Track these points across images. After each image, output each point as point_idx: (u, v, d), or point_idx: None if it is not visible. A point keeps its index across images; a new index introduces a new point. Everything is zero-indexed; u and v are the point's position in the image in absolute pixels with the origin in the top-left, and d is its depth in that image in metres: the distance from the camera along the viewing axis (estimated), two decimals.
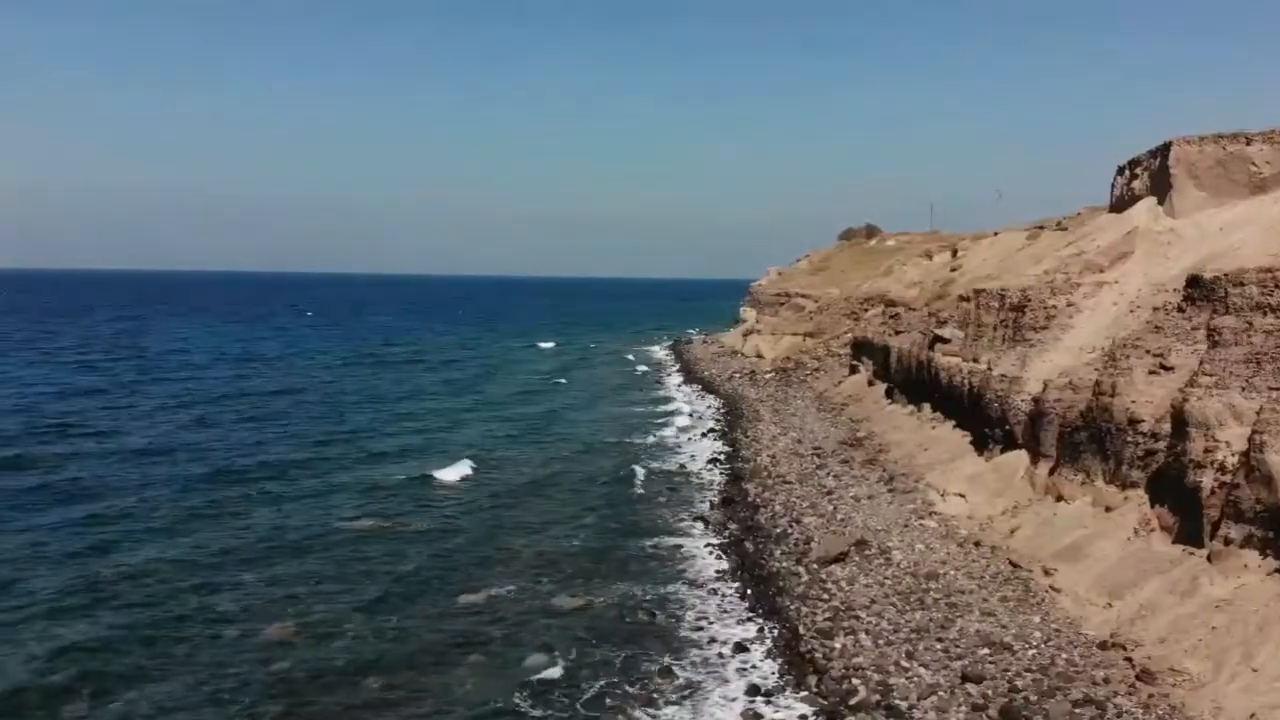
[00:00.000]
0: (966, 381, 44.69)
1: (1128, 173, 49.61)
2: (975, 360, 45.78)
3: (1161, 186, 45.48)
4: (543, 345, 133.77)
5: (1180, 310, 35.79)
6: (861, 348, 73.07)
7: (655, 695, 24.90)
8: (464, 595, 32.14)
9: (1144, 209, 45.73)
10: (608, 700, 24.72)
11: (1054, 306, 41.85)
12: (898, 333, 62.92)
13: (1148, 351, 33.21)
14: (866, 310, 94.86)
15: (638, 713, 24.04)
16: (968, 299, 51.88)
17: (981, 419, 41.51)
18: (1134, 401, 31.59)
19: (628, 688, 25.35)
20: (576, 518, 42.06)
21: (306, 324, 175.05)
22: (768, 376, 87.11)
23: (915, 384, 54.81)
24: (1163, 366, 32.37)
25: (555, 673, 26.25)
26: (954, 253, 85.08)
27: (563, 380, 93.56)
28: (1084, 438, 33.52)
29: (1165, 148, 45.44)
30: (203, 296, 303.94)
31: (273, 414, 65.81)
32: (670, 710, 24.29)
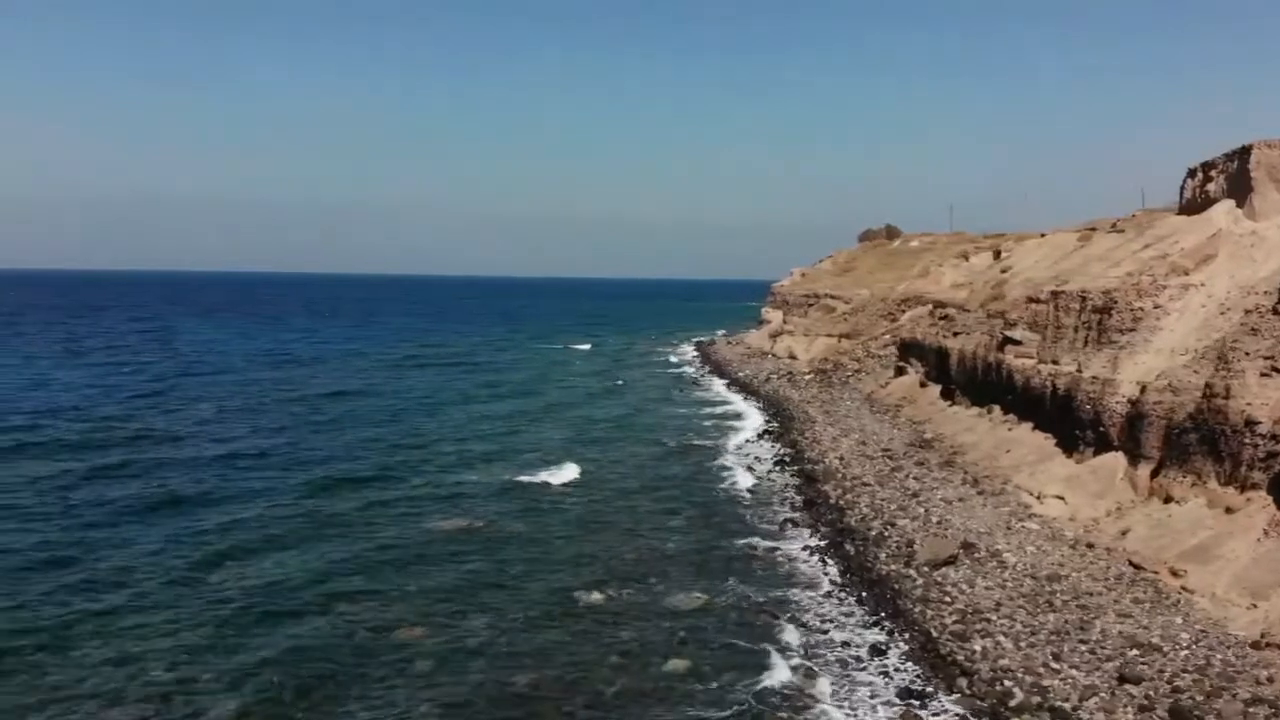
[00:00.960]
0: (1049, 384, 44.79)
1: (1200, 175, 49.78)
2: (1055, 362, 45.91)
3: (1241, 189, 45.66)
4: (578, 347, 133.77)
5: (1276, 312, 36.00)
6: (910, 349, 73.15)
7: (807, 697, 25.00)
8: (582, 596, 32.26)
9: (1223, 211, 45.92)
10: (760, 701, 24.80)
11: (1140, 309, 41.98)
12: (955, 334, 63.01)
13: (1258, 354, 33.34)
14: (904, 311, 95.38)
15: (799, 716, 24.14)
16: (1038, 300, 52.03)
17: (1071, 421, 41.61)
18: (1249, 404, 31.73)
19: (778, 689, 25.45)
20: (665, 519, 42.18)
21: (330, 325, 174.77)
22: (807, 378, 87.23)
23: (982, 386, 54.91)
24: (1274, 369, 32.53)
25: (701, 674, 26.33)
26: (995, 254, 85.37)
27: (619, 381, 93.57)
28: (1193, 439, 33.66)
29: (1244, 151, 45.64)
30: (209, 297, 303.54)
31: (338, 417, 65.77)
32: (822, 709, 24.40)
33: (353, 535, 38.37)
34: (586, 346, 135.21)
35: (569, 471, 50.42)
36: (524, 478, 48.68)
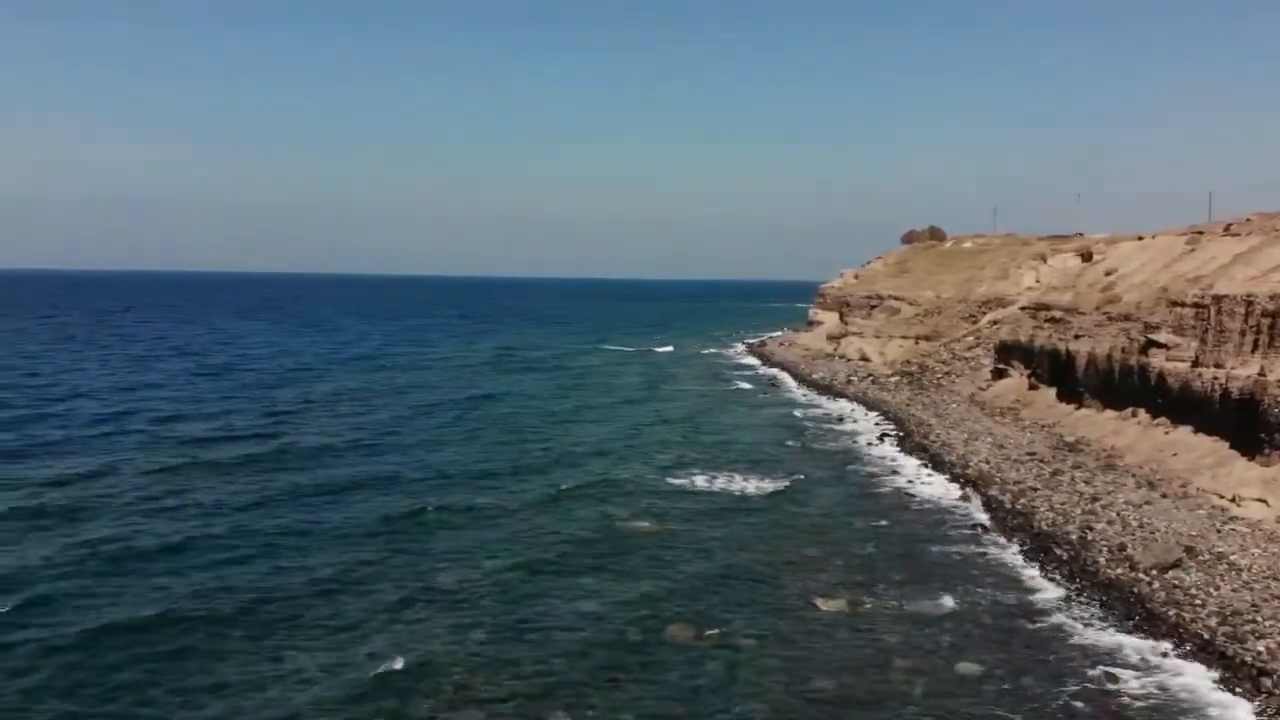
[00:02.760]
0: (1217, 387, 45.25)
1: None
2: (1218, 366, 46.37)
3: None
4: (659, 350, 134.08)
5: None
6: (1012, 351, 73.67)
7: (1120, 699, 25.43)
8: (820, 601, 32.59)
9: None
10: (1074, 701, 25.20)
11: None
12: (1076, 337, 63.48)
13: None
14: (984, 313, 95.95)
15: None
16: (1182, 304, 52.51)
17: (1252, 424, 42.01)
18: None
19: (1079, 691, 25.85)
20: (846, 522, 42.54)
21: (369, 325, 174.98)
22: (893, 381, 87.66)
23: (1119, 389, 55.37)
24: None
25: (994, 676, 26.70)
26: (1084, 256, 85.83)
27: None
28: None
29: None
30: (229, 297, 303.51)
31: (453, 422, 66.01)
32: (1139, 708, 24.84)
33: (538, 535, 39.20)
34: (669, 349, 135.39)
35: (722, 476, 50.87)
36: (674, 480, 49.52)
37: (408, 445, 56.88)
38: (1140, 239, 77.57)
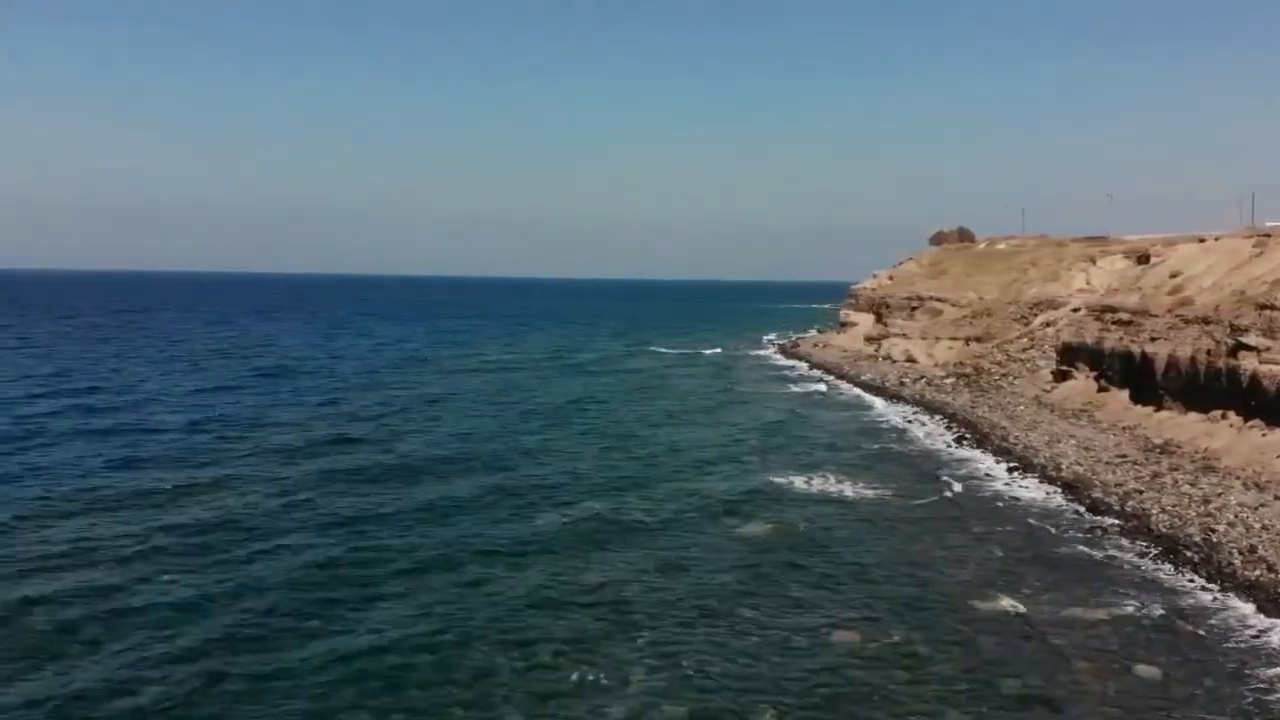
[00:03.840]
0: None
1: None
2: None
3: None
4: (707, 352, 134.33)
5: None
6: (1077, 353, 74.25)
7: None
8: (978, 604, 33.05)
9: None
10: (1264, 703, 25.70)
11: None
12: (1153, 339, 64.02)
13: None
14: (1035, 315, 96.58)
15: None
16: (1271, 307, 53.09)
17: None
18: None
19: (1270, 691, 26.34)
20: (957, 528, 42.57)
21: (403, 327, 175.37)
22: (948, 382, 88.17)
23: (1205, 391, 55.92)
24: None
25: (1175, 680, 27.10)
26: (1141, 259, 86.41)
27: (744, 389, 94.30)
28: None
29: None
30: (241, 297, 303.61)
31: (550, 428, 66.23)
32: None
33: (657, 541, 39.75)
34: (718, 350, 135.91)
35: (818, 480, 51.40)
36: (777, 479, 50.04)
37: (526, 453, 56.90)
38: (1202, 241, 78.17)
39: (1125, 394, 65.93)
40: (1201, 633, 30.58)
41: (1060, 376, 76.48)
